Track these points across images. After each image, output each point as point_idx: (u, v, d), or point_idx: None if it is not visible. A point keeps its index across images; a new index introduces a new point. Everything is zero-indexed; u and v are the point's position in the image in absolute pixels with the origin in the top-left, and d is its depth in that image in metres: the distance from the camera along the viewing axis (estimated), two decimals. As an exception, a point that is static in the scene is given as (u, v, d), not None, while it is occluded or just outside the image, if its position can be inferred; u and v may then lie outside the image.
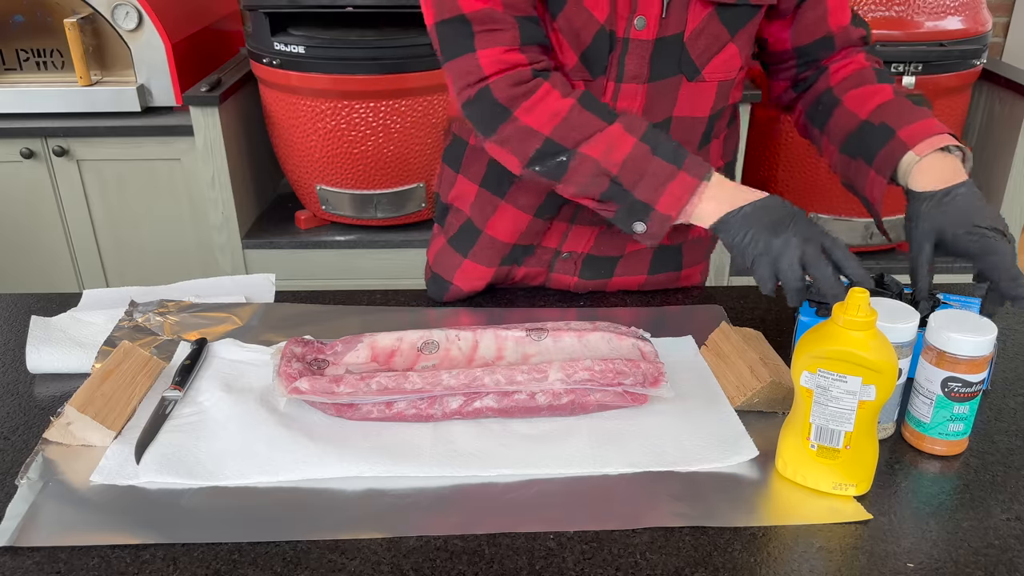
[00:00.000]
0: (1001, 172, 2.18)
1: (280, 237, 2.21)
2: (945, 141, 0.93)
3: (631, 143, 0.90)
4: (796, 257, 0.84)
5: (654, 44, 0.95)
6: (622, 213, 0.93)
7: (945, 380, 0.82)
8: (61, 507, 0.77)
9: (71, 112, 2.14)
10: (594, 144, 0.91)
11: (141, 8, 2.05)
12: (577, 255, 1.13)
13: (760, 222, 0.86)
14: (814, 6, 1.01)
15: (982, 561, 0.72)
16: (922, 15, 1.97)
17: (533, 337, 0.96)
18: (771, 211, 0.87)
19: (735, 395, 0.91)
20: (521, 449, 0.84)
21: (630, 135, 0.91)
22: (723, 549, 0.73)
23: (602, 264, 1.15)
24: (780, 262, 0.85)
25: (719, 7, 0.95)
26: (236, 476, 0.81)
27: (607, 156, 0.91)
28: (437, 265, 1.18)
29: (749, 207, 0.88)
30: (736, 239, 0.88)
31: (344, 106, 2.00)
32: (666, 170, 0.90)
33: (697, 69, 0.98)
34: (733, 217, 0.88)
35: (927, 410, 0.84)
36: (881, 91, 1.00)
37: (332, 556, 0.72)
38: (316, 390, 0.85)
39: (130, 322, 1.05)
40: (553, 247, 1.13)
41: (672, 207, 0.90)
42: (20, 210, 2.20)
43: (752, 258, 0.86)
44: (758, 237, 0.86)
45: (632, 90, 0.97)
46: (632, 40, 0.94)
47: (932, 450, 0.85)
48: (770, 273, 0.86)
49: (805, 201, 2.19)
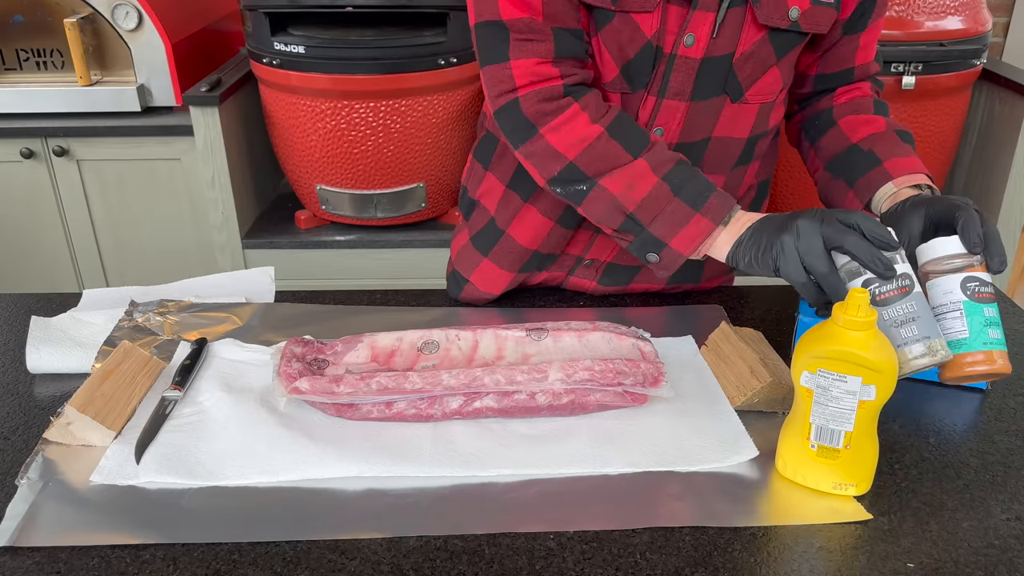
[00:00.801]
0: (1001, 172, 2.18)
1: (280, 237, 2.21)
2: (922, 180, 0.95)
3: (653, 182, 0.89)
4: (817, 243, 0.80)
5: (701, 63, 0.94)
6: (636, 244, 0.93)
7: (964, 281, 0.79)
8: (61, 507, 0.77)
9: (71, 112, 2.14)
10: (616, 178, 0.90)
11: (141, 8, 2.05)
12: (599, 263, 1.13)
13: (766, 230, 0.84)
14: (849, 41, 1.02)
15: (982, 561, 0.72)
16: (922, 15, 1.97)
17: (533, 337, 0.96)
18: (773, 220, 0.85)
19: (735, 395, 0.91)
20: (521, 449, 0.84)
21: (654, 174, 0.90)
22: (723, 549, 0.73)
23: (622, 272, 1.14)
24: (802, 254, 0.80)
25: (772, 32, 0.94)
26: (236, 476, 0.81)
27: (626, 194, 0.90)
28: (459, 261, 1.17)
29: (749, 229, 0.87)
30: (749, 258, 0.86)
31: (344, 106, 2.00)
32: (684, 212, 0.89)
33: (741, 91, 0.97)
34: (740, 243, 0.87)
35: (961, 323, 0.79)
36: (875, 121, 1.02)
37: (332, 556, 0.72)
38: (316, 390, 0.85)
39: (130, 322, 1.05)
40: (576, 254, 1.12)
41: (686, 247, 0.90)
42: (20, 210, 2.20)
43: (774, 265, 0.83)
44: (771, 243, 0.83)
45: (674, 106, 0.96)
46: (679, 56, 0.93)
47: (978, 371, 0.79)
48: (798, 270, 0.81)
49: (805, 201, 2.19)
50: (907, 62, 1.97)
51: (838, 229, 0.79)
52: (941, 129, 2.10)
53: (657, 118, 0.97)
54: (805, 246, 0.80)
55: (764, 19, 0.92)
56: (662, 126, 0.97)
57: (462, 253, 1.16)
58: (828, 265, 0.79)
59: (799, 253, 0.80)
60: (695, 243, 0.89)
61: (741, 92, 0.97)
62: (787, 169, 2.19)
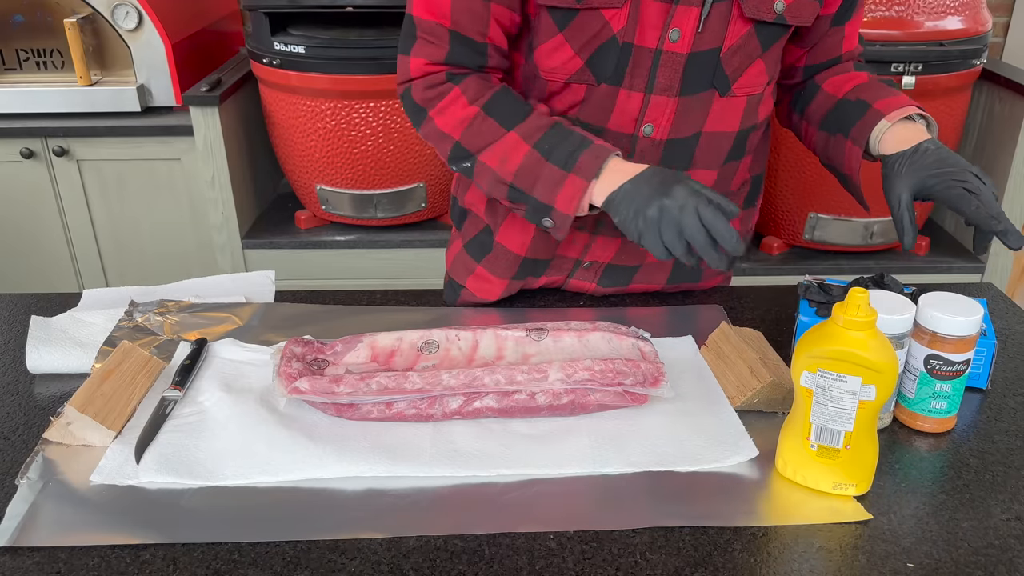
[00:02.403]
0: (1001, 172, 2.18)
1: (280, 237, 2.21)
2: (913, 111, 0.97)
3: (524, 151, 0.94)
4: (674, 231, 0.85)
5: (688, 58, 0.94)
6: (530, 212, 0.97)
7: (928, 357, 0.85)
8: (61, 507, 0.77)
9: (71, 112, 2.14)
10: (492, 153, 0.96)
11: (141, 8, 2.05)
12: (598, 264, 1.13)
13: (640, 195, 0.88)
14: (835, 32, 1.04)
15: (982, 561, 0.72)
16: (922, 15, 1.97)
17: (533, 337, 0.96)
18: (649, 182, 0.88)
19: (735, 395, 0.91)
20: (521, 449, 0.84)
21: (525, 143, 0.94)
22: (723, 549, 0.73)
23: (622, 273, 1.14)
24: (664, 234, 0.86)
25: (758, 24, 0.95)
26: (236, 476, 0.81)
27: (502, 166, 0.95)
28: (453, 270, 1.18)
29: (629, 183, 0.89)
30: (620, 218, 0.90)
31: (344, 106, 2.00)
32: (558, 175, 0.93)
33: (729, 84, 0.98)
34: (616, 196, 0.90)
35: (911, 386, 0.88)
36: (858, 76, 1.05)
37: (332, 556, 0.72)
38: (316, 390, 0.85)
39: (130, 322, 1.05)
40: (575, 257, 1.12)
41: (568, 207, 0.93)
42: (20, 210, 2.20)
43: (638, 234, 0.88)
44: (638, 212, 0.87)
45: (662, 103, 0.97)
46: (665, 52, 0.94)
47: (915, 425, 0.89)
48: (657, 244, 0.87)
49: (805, 201, 2.19)
50: (907, 62, 1.97)
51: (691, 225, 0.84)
52: (941, 129, 2.09)
53: (647, 115, 0.98)
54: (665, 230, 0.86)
55: (750, 12, 0.93)
56: (652, 122, 0.98)
57: (456, 261, 1.18)
58: (683, 248, 0.86)
59: (660, 234, 0.86)
60: (574, 202, 0.92)
61: (728, 85, 0.98)
62: (787, 169, 2.19)
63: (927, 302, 0.85)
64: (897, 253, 2.32)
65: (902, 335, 0.83)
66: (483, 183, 0.99)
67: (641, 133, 0.99)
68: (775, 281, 2.24)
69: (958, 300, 0.86)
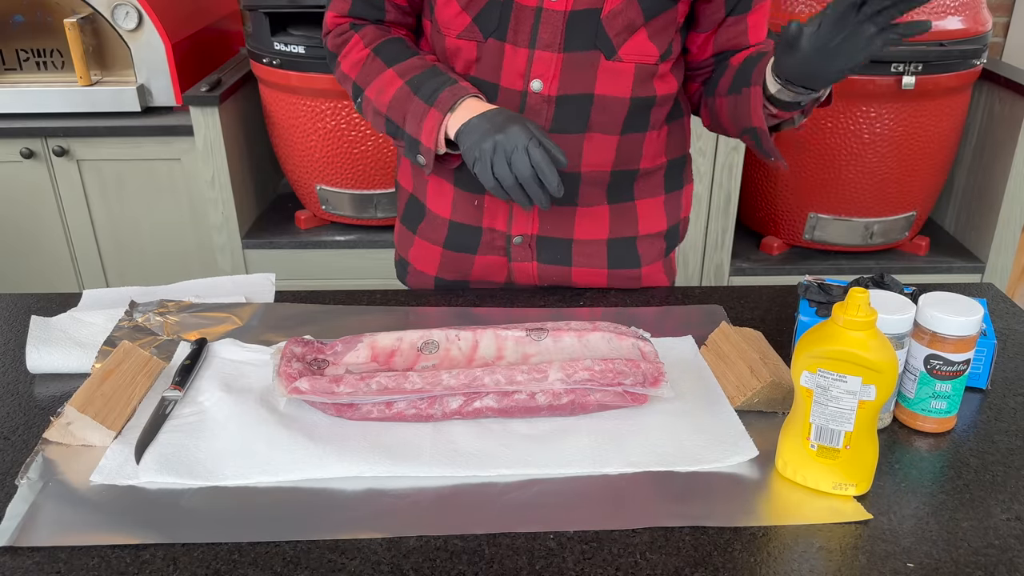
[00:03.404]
0: (1001, 172, 2.18)
1: (280, 237, 2.21)
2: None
3: (398, 85, 1.04)
4: (504, 163, 0.93)
5: (568, 16, 1.00)
6: (407, 149, 1.05)
7: (928, 357, 0.85)
8: (61, 507, 0.77)
9: (71, 112, 2.14)
10: (373, 87, 1.07)
11: (141, 8, 2.05)
12: (529, 237, 1.14)
13: (482, 128, 0.95)
14: (736, 23, 1.08)
15: (982, 561, 0.72)
16: (922, 15, 1.97)
17: (533, 337, 0.96)
18: (493, 120, 0.95)
19: (735, 395, 0.91)
20: (521, 449, 0.84)
21: (400, 78, 1.04)
22: (723, 549, 0.73)
23: (558, 247, 1.15)
24: (495, 166, 0.94)
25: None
26: (236, 476, 0.81)
27: (379, 98, 1.06)
28: (399, 245, 1.25)
29: (476, 118, 0.97)
30: (463, 148, 0.97)
31: (344, 106, 2.00)
32: (422, 108, 1.01)
33: (614, 48, 1.02)
34: (464, 128, 0.97)
35: (911, 386, 0.88)
36: (760, 46, 1.09)
37: (332, 556, 0.72)
38: (316, 390, 0.85)
39: (130, 322, 1.05)
40: (502, 230, 1.14)
41: (429, 140, 1.01)
42: (20, 210, 2.20)
43: (472, 162, 0.96)
44: (476, 144, 0.95)
45: (547, 58, 1.02)
46: (545, 9, 1.00)
47: (915, 425, 0.89)
48: (487, 174, 0.95)
49: (805, 201, 2.19)
50: (907, 62, 1.97)
51: (520, 158, 0.92)
52: (941, 129, 2.10)
53: (532, 69, 1.03)
54: (497, 162, 0.94)
55: None
56: (539, 77, 1.03)
57: (400, 237, 1.25)
58: (511, 181, 0.94)
59: (492, 165, 0.94)
60: (433, 134, 1.00)
61: (614, 49, 1.03)
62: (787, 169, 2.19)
63: (927, 302, 0.85)
64: (897, 253, 2.32)
65: (902, 335, 0.83)
66: (368, 115, 1.09)
67: (530, 89, 1.04)
68: (775, 281, 2.25)
69: (958, 300, 0.86)
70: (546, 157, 0.92)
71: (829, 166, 2.12)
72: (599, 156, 1.08)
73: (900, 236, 2.26)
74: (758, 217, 2.34)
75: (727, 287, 1.21)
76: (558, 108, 1.04)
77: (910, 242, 2.32)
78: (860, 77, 2.00)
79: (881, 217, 2.18)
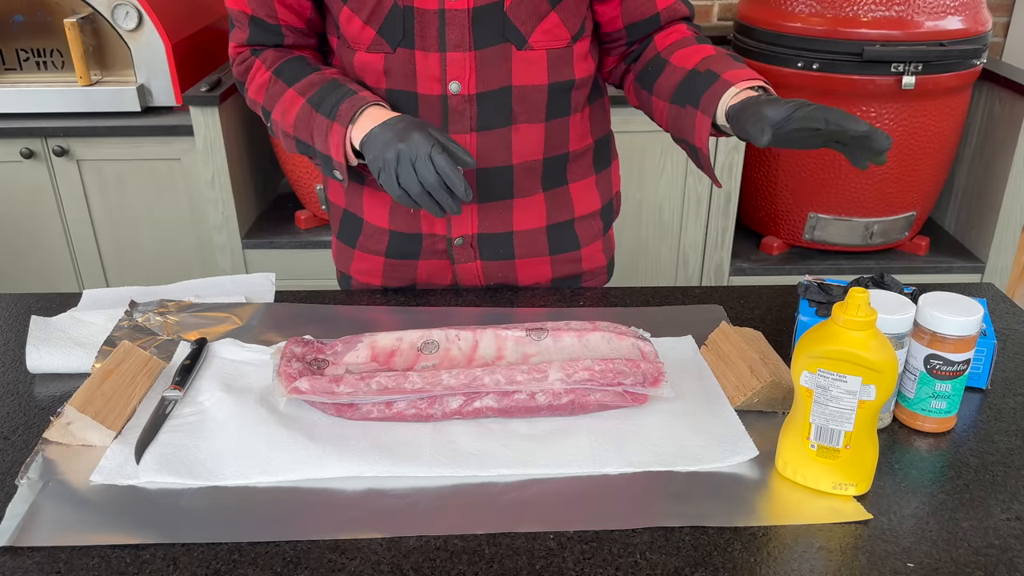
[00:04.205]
0: (1001, 172, 2.18)
1: (280, 237, 2.22)
2: (759, 83, 0.99)
3: (298, 105, 1.03)
4: (409, 172, 0.92)
5: (472, 13, 0.99)
6: (322, 166, 1.04)
7: (927, 357, 0.85)
8: (61, 507, 0.77)
9: (71, 112, 2.14)
10: (278, 109, 1.06)
11: (141, 8, 2.05)
12: (470, 237, 1.14)
13: (384, 138, 0.94)
14: None
15: (982, 561, 0.72)
16: (922, 15, 1.97)
17: (533, 337, 0.96)
18: (394, 127, 0.94)
19: (735, 395, 0.91)
20: (521, 449, 0.84)
21: (300, 97, 1.03)
22: (723, 549, 0.73)
23: (499, 242, 1.15)
24: (400, 176, 0.92)
25: None
26: (236, 476, 0.81)
27: (284, 119, 1.05)
28: (339, 262, 1.24)
29: (378, 127, 0.95)
30: (368, 159, 0.96)
31: (344, 106, 2.00)
32: (325, 123, 1.00)
33: (524, 38, 1.02)
34: (367, 139, 0.96)
35: (911, 386, 0.88)
36: (705, 49, 1.06)
37: (332, 556, 0.72)
38: (316, 390, 0.85)
39: (130, 322, 1.05)
40: (442, 234, 1.13)
41: (337, 154, 1.00)
42: (20, 210, 2.20)
43: (378, 173, 0.95)
44: (379, 155, 0.94)
45: (459, 58, 1.01)
46: (448, 10, 0.99)
47: (915, 425, 0.89)
48: (392, 184, 0.93)
49: (805, 201, 2.19)
50: (907, 62, 1.97)
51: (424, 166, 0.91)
52: (941, 129, 2.10)
53: (448, 72, 1.02)
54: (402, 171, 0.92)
55: None
56: (456, 79, 1.02)
57: (337, 253, 1.23)
58: (418, 189, 0.92)
59: (396, 175, 0.92)
60: (340, 148, 0.99)
61: (524, 39, 1.02)
62: (787, 169, 2.19)
63: (927, 302, 0.85)
64: (897, 253, 2.32)
65: (902, 335, 0.83)
66: (280, 137, 1.08)
67: (449, 91, 1.03)
68: (775, 281, 2.25)
69: (958, 300, 0.86)
70: (450, 162, 0.90)
71: (829, 166, 2.12)
72: (528, 146, 1.08)
73: (900, 236, 2.26)
74: (758, 217, 2.34)
75: (727, 287, 1.21)
76: (480, 106, 1.04)
77: (910, 242, 2.32)
78: (860, 77, 2.00)
79: (881, 217, 2.18)
